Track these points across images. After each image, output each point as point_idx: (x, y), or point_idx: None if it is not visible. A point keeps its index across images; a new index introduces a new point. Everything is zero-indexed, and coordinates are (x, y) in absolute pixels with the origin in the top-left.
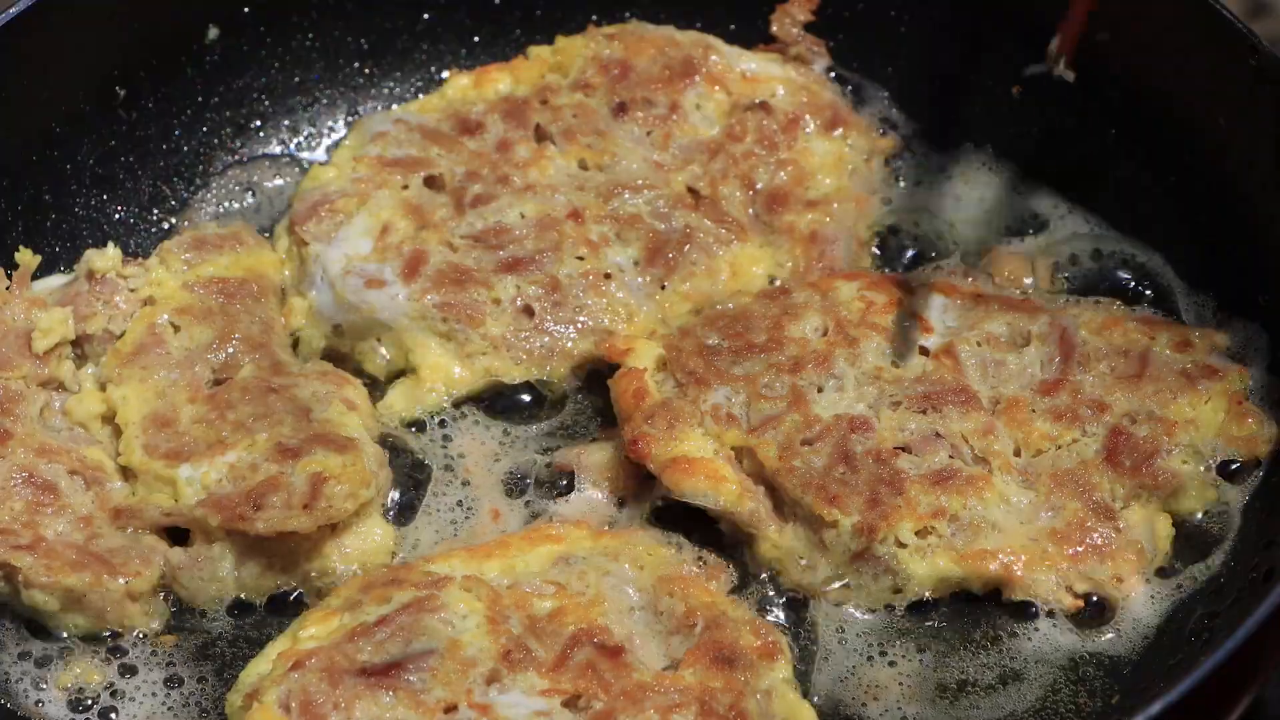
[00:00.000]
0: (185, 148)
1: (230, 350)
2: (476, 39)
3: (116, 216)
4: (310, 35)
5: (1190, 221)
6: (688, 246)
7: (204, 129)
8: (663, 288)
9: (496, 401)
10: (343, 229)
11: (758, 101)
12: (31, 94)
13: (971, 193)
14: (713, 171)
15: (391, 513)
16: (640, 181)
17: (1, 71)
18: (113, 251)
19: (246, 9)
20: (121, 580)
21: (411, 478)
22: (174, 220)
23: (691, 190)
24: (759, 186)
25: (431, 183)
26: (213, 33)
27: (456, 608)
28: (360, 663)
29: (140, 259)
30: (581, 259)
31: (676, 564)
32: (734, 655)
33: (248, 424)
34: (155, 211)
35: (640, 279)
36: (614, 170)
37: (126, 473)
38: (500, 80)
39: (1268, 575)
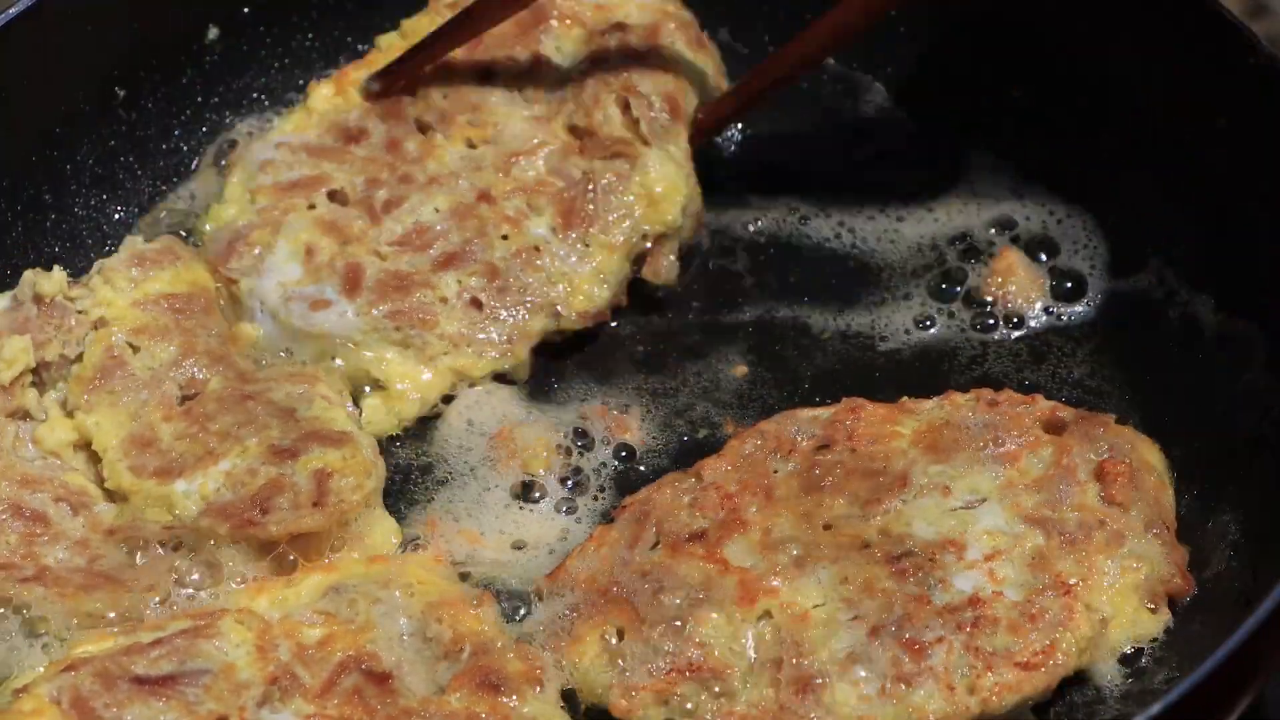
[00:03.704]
0: (185, 148)
1: (193, 365)
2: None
3: (116, 216)
4: (310, 35)
5: (1190, 221)
6: (591, 192)
7: (204, 129)
8: (586, 245)
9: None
10: (267, 259)
11: (613, 23)
12: (31, 94)
13: (971, 193)
14: (585, 102)
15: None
16: (529, 143)
17: (1, 71)
18: (58, 274)
19: (246, 9)
20: (137, 595)
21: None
22: (173, 219)
23: (573, 130)
24: (642, 91)
25: (334, 197)
26: (213, 33)
27: (229, 636)
28: (134, 673)
29: (77, 278)
30: (506, 238)
31: (446, 591)
32: (500, 680)
33: (233, 432)
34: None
35: (566, 246)
36: (500, 140)
37: (112, 495)
38: (363, 78)
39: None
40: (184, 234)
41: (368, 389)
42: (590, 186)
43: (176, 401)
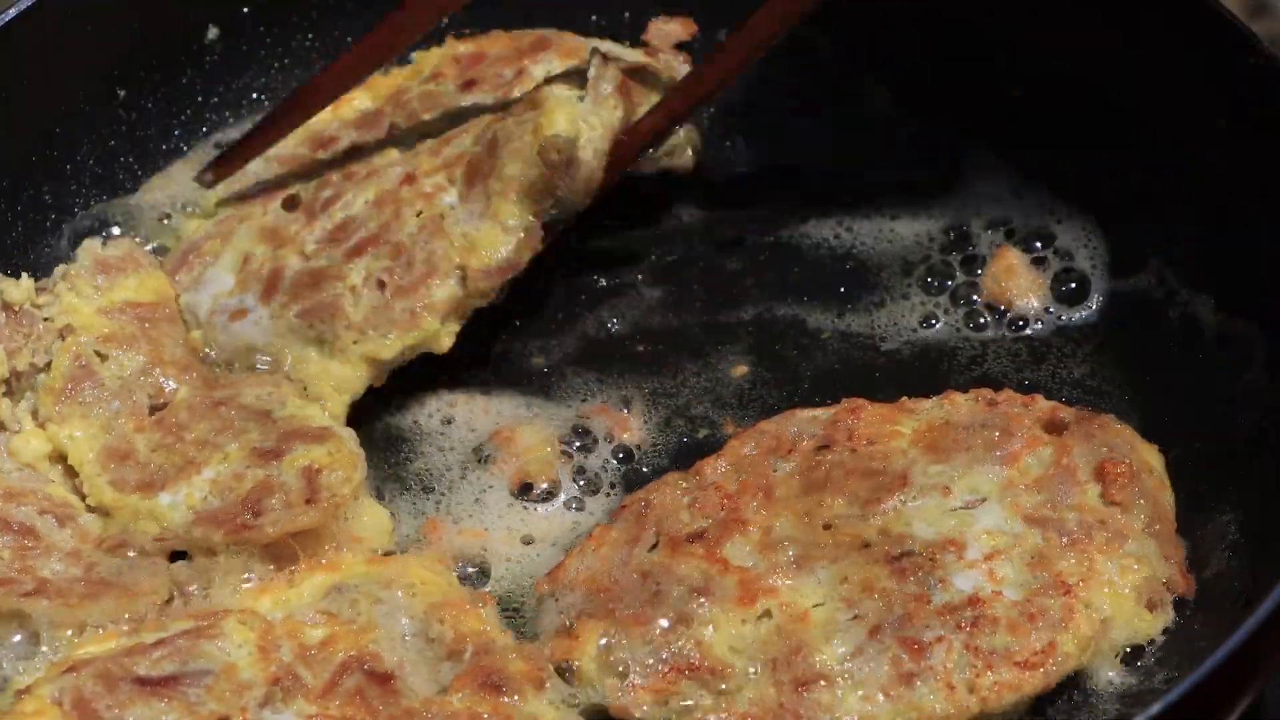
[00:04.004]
0: (185, 148)
1: (161, 374)
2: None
3: (116, 216)
4: (310, 35)
5: (1190, 222)
6: (493, 145)
7: (204, 129)
8: (487, 199)
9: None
10: (208, 271)
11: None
12: (31, 94)
13: (971, 193)
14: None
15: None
16: (470, 121)
17: (1, 71)
18: (26, 281)
19: (246, 9)
20: (143, 600)
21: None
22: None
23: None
24: (607, 58)
25: (288, 203)
26: (213, 33)
27: (231, 636)
28: (136, 674)
29: (40, 282)
30: (420, 214)
31: (448, 591)
32: (502, 681)
33: (211, 439)
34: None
35: (469, 206)
36: (445, 128)
37: (96, 509)
38: (357, 98)
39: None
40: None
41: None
42: (495, 140)
43: (146, 412)
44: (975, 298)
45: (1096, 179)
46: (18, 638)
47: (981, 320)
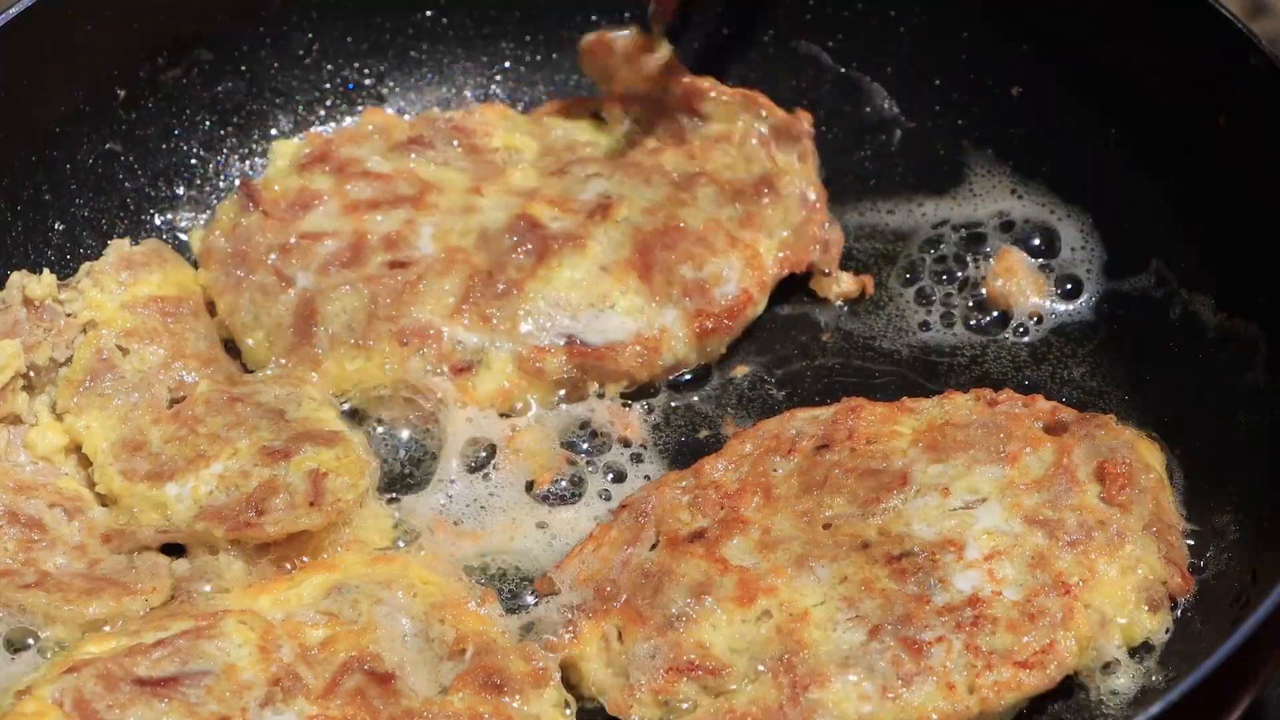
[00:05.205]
0: (185, 148)
1: (183, 369)
2: (476, 37)
3: (116, 217)
4: (310, 35)
5: (1190, 222)
6: None
7: (204, 129)
8: None
9: None
10: None
11: None
12: (31, 94)
13: (971, 194)
14: None
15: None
16: None
17: (1, 71)
18: (47, 276)
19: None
20: (141, 599)
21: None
22: (171, 218)
23: None
24: None
25: None
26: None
27: (232, 637)
28: (137, 674)
29: (66, 280)
30: None
31: (449, 591)
32: (503, 681)
33: (223, 434)
34: (155, 211)
35: None
36: None
37: (105, 499)
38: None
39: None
40: (180, 236)
41: None
42: None
43: (165, 405)
44: (976, 298)
45: (1096, 179)
46: (18, 633)
47: (982, 320)
